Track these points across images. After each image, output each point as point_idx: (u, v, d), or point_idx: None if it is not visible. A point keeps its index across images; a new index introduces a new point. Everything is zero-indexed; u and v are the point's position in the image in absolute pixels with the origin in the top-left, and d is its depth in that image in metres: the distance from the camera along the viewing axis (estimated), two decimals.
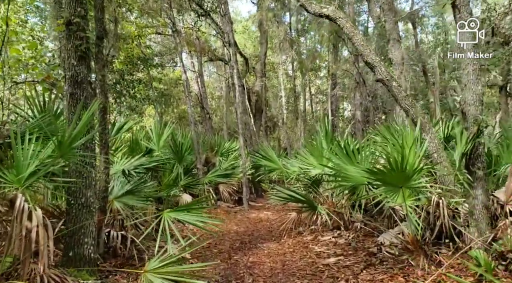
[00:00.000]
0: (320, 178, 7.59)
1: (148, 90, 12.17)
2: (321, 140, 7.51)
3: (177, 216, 4.14)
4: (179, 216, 4.16)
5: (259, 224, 9.66)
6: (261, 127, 21.76)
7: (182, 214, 4.22)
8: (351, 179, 5.23)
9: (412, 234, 4.72)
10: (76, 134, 3.51)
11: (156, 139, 7.56)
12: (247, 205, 11.70)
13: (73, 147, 3.58)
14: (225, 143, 12.96)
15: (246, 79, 19.73)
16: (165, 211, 4.18)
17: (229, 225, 9.40)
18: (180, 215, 4.18)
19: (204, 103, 13.54)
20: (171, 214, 4.14)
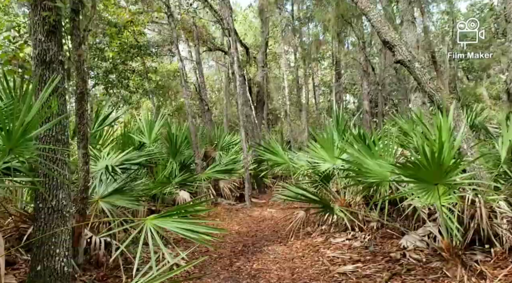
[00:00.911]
0: (331, 173, 6.86)
1: (143, 81, 11.41)
2: (332, 131, 6.78)
3: (164, 225, 3.39)
4: (166, 223, 3.40)
5: (263, 224, 8.96)
6: (263, 120, 21.02)
7: (170, 220, 3.46)
8: (371, 174, 4.50)
9: (447, 239, 3.99)
10: (31, 122, 2.78)
11: (148, 132, 6.83)
12: (250, 202, 11.00)
13: (27, 138, 2.86)
14: (226, 136, 12.23)
15: (247, 70, 18.96)
16: (148, 218, 3.43)
17: (230, 225, 8.69)
18: (168, 222, 3.43)
19: (202, 94, 12.80)
20: (156, 221, 3.38)
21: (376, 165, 4.52)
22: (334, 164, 6.57)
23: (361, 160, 4.60)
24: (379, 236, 6.29)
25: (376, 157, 4.54)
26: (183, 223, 3.39)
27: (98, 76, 10.14)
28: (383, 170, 4.45)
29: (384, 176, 4.49)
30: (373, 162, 4.57)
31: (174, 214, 3.48)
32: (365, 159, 4.59)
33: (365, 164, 4.56)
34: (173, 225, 3.32)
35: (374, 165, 4.54)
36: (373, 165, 4.55)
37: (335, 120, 7.10)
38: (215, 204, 10.85)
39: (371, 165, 4.55)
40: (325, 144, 6.54)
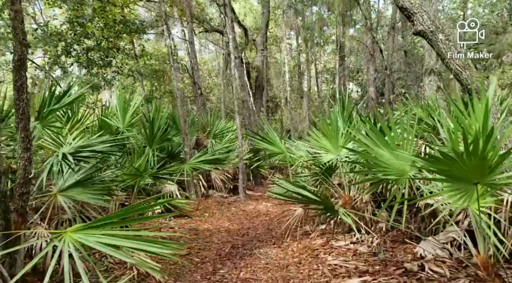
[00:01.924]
0: (334, 165, 5.99)
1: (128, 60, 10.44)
2: (337, 117, 5.88)
3: (88, 240, 2.29)
4: (92, 238, 2.31)
5: (257, 220, 8.11)
6: (262, 107, 20.09)
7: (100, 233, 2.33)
8: (386, 168, 3.61)
9: (484, 253, 3.12)
10: None
11: (122, 115, 5.93)
12: (243, 195, 10.15)
13: None
14: (219, 123, 11.31)
15: (245, 53, 17.97)
16: (68, 229, 2.44)
17: (220, 221, 7.84)
18: (97, 235, 2.33)
19: (195, 76, 11.86)
20: (80, 235, 2.32)
21: (392, 156, 3.63)
22: (338, 154, 5.69)
23: (373, 150, 3.71)
24: (389, 240, 5.44)
25: (393, 147, 3.64)
26: (120, 238, 2.36)
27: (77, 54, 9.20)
28: (402, 163, 3.56)
29: (402, 170, 3.60)
30: (388, 153, 3.67)
31: (108, 224, 2.42)
32: (378, 149, 3.70)
33: (378, 155, 3.67)
34: (103, 240, 2.31)
35: (390, 157, 3.65)
36: (388, 156, 3.66)
37: (340, 105, 6.19)
38: (205, 197, 10.00)
39: (385, 157, 3.66)
40: (329, 132, 5.64)
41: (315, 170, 5.98)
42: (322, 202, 3.54)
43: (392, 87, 13.83)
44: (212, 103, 25.98)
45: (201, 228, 7.15)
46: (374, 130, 3.73)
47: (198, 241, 6.24)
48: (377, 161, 3.59)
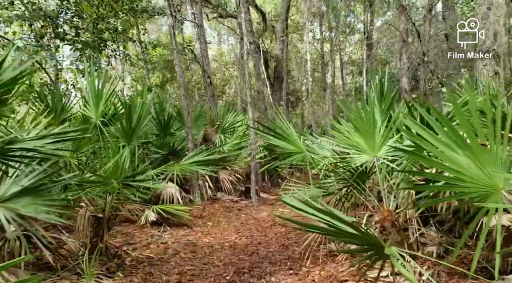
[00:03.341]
0: (369, 169, 4.69)
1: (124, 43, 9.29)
2: (373, 108, 4.55)
3: None
4: None
5: (270, 231, 6.86)
6: (281, 100, 18.75)
7: None
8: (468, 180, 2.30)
9: None
10: None
11: (94, 103, 4.72)
12: (256, 200, 8.90)
13: None
14: (229, 116, 10.07)
15: (263, 40, 16.68)
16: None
17: (225, 233, 6.62)
18: None
19: (204, 63, 10.66)
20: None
21: (474, 162, 2.30)
22: (375, 155, 4.37)
23: (441, 153, 2.39)
24: (444, 271, 4.10)
25: (476, 150, 2.32)
26: None
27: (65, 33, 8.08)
28: (490, 173, 2.24)
29: (491, 185, 2.28)
30: (466, 157, 2.35)
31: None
32: (450, 151, 2.38)
33: (450, 159, 2.35)
34: None
35: (469, 163, 2.32)
36: (466, 162, 2.34)
37: (377, 90, 4.84)
38: (212, 201, 8.81)
39: (462, 163, 2.34)
40: (362, 126, 4.33)
41: (344, 175, 4.67)
42: (363, 238, 2.26)
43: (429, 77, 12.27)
44: (228, 96, 24.78)
45: (201, 243, 5.94)
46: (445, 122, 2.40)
47: (194, 262, 5.03)
48: (451, 170, 2.28)
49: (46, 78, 9.29)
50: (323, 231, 2.51)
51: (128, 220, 6.84)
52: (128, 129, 4.50)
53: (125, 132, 4.52)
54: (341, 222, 2.21)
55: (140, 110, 4.60)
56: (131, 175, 3.88)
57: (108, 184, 3.78)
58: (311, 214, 2.41)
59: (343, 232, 2.19)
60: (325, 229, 2.30)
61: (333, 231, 2.21)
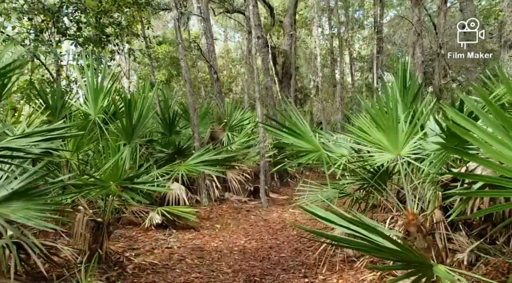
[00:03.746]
0: (390, 170, 4.33)
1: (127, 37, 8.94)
2: (396, 100, 4.17)
3: None
4: None
5: (282, 234, 6.51)
6: (289, 97, 18.34)
7: None
8: None
9: None
10: None
11: (93, 98, 4.36)
12: (266, 200, 8.55)
13: None
14: (236, 113, 9.72)
15: (271, 35, 16.30)
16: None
17: (234, 236, 6.28)
18: None
19: (210, 58, 10.31)
20: None
21: None
22: (398, 154, 4.00)
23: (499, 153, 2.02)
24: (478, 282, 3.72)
25: None
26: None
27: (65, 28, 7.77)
28: None
29: None
30: None
31: None
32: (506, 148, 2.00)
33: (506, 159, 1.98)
34: None
35: None
36: None
37: (400, 81, 4.45)
38: (220, 202, 8.47)
39: None
40: (384, 122, 3.96)
41: (364, 174, 4.30)
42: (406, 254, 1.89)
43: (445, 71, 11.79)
44: (235, 94, 24.44)
45: (209, 247, 5.60)
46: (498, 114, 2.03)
47: (201, 269, 4.70)
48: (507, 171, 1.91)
49: (48, 74, 9.00)
50: (354, 246, 2.14)
51: (132, 222, 6.53)
52: (128, 126, 4.15)
53: (125, 130, 4.18)
54: (378, 234, 1.85)
55: (142, 106, 4.25)
56: (131, 177, 3.54)
57: (105, 187, 3.44)
58: (339, 225, 2.05)
59: (380, 247, 1.83)
60: (357, 243, 1.93)
61: (367, 245, 1.85)
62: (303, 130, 4.19)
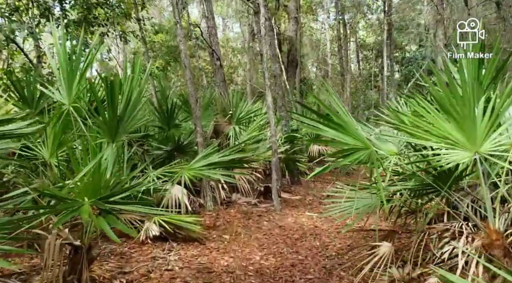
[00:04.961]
0: (463, 172, 3.29)
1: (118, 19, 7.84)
2: (472, 82, 3.12)
3: None
4: None
5: (302, 246, 5.50)
6: (295, 88, 17.26)
7: None
8: None
9: None
10: None
11: (66, 84, 3.29)
12: (278, 202, 7.52)
13: None
14: (244, 104, 8.67)
15: (276, 20, 15.19)
16: None
17: (247, 250, 5.25)
18: None
19: (212, 42, 9.24)
20: None
21: None
22: (477, 152, 2.97)
23: None
24: None
25: None
26: None
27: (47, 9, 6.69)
28: None
29: None
30: None
31: None
32: None
33: None
34: None
35: None
36: None
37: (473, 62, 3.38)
38: (226, 205, 7.45)
39: None
40: (458, 109, 2.92)
41: (425, 177, 3.26)
42: None
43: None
44: (236, 85, 23.32)
45: (218, 267, 4.58)
46: None
47: None
48: None
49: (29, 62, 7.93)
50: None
51: (124, 234, 5.48)
52: (112, 118, 3.10)
53: (107, 124, 3.13)
54: None
55: (130, 91, 3.19)
56: (113, 193, 2.50)
57: (75, 207, 2.41)
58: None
59: None
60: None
61: None
62: (347, 121, 3.14)
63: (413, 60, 25.07)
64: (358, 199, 4.27)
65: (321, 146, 13.35)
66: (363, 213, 3.93)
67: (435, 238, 4.07)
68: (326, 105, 3.48)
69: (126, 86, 3.19)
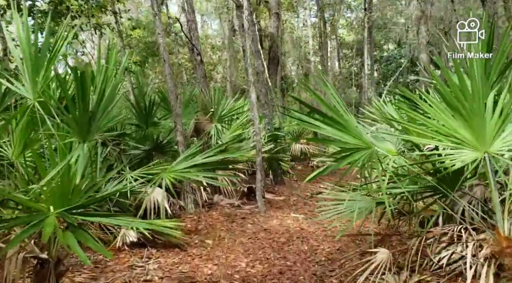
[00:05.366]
0: (472, 171, 3.07)
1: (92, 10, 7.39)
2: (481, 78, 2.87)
3: None
4: None
5: (290, 250, 5.22)
6: (276, 86, 16.98)
7: None
8: None
9: None
10: None
11: (30, 72, 2.89)
12: (263, 203, 7.23)
13: None
14: (226, 102, 8.32)
15: (257, 16, 14.88)
16: None
17: (232, 256, 4.94)
18: None
19: (193, 36, 8.86)
20: None
21: None
22: (486, 152, 2.74)
23: None
24: None
25: None
26: None
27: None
28: None
29: None
30: None
31: None
32: None
33: None
34: None
35: None
36: None
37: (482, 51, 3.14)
38: (208, 207, 7.11)
39: None
40: (466, 105, 2.69)
41: (431, 180, 3.02)
42: None
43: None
44: (216, 82, 22.90)
45: (201, 276, 4.25)
46: None
47: None
48: None
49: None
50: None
51: (99, 240, 5.08)
52: (83, 115, 2.71)
53: (77, 121, 2.74)
54: None
55: (103, 84, 2.80)
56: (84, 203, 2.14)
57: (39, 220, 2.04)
58: None
59: None
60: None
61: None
62: (347, 119, 2.86)
63: (391, 59, 25.23)
64: (351, 202, 4.00)
65: (303, 145, 13.17)
66: (359, 217, 3.66)
67: (432, 243, 3.86)
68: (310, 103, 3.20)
69: (99, 78, 2.80)
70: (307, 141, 13.25)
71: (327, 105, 2.86)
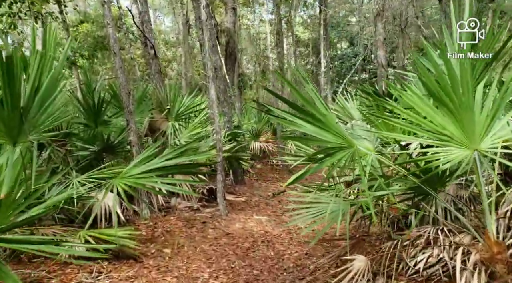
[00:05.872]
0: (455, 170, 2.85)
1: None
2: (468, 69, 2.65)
3: None
4: None
5: (255, 256, 4.89)
6: (234, 82, 16.57)
7: None
8: None
9: None
10: None
11: None
12: (224, 206, 6.84)
13: None
14: (183, 98, 7.84)
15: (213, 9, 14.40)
16: None
17: (193, 266, 4.52)
18: None
19: (146, 29, 8.29)
20: None
21: None
22: (476, 149, 2.52)
23: None
24: None
25: None
26: None
27: None
28: None
29: None
30: None
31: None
32: None
33: None
34: None
35: None
36: None
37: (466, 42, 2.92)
38: (165, 212, 6.62)
39: None
40: (455, 98, 2.45)
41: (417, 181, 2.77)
42: None
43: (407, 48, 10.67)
44: (170, 79, 22.16)
45: None
46: None
47: None
48: None
49: None
50: None
51: (41, 253, 4.50)
52: (11, 111, 2.18)
53: (4, 119, 2.20)
54: None
55: (39, 74, 2.28)
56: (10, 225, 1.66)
57: None
58: None
59: None
60: None
61: None
62: (326, 114, 2.53)
63: (345, 57, 25.57)
64: (323, 204, 3.72)
65: (262, 143, 12.89)
66: (334, 221, 3.37)
67: (407, 246, 3.65)
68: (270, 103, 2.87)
69: (34, 66, 2.27)
70: (266, 139, 13.00)
71: (305, 99, 2.53)
